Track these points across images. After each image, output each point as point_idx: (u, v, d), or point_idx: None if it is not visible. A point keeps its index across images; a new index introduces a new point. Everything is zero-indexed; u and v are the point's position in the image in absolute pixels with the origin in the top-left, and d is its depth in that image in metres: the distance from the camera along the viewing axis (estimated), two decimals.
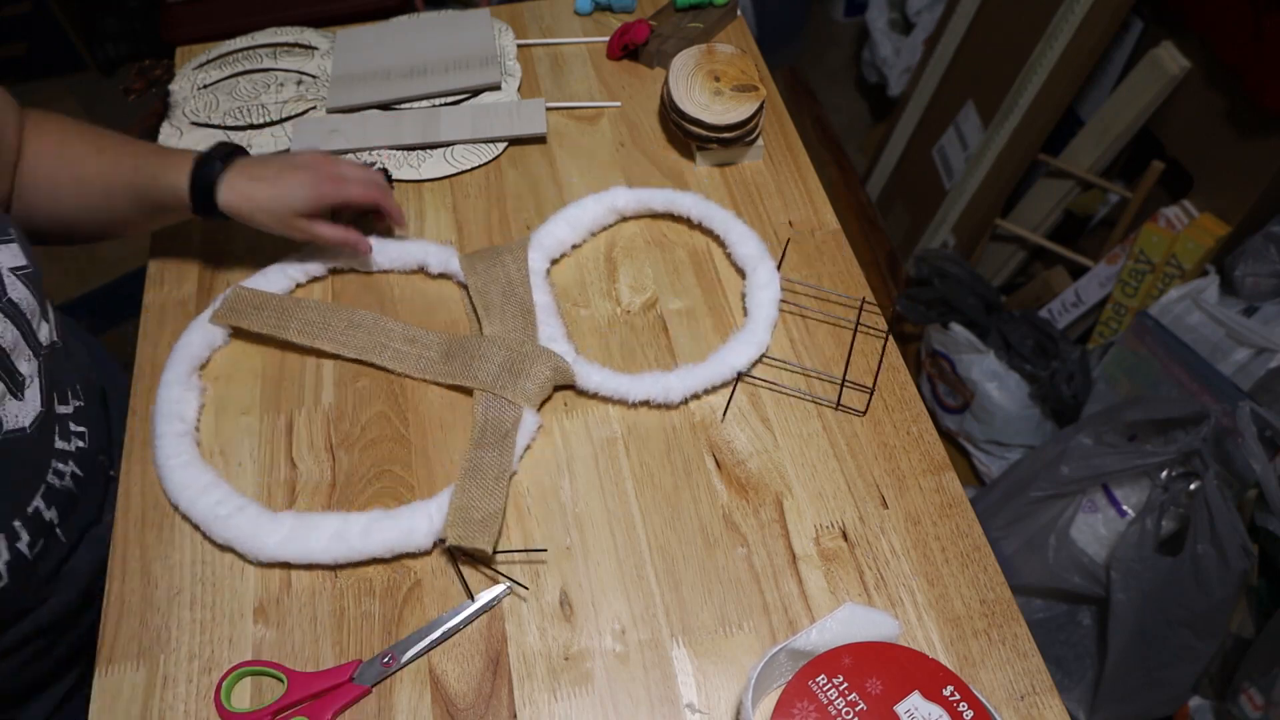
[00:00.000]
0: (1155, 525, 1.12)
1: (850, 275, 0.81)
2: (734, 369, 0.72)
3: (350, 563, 0.64)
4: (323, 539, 0.63)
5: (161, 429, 0.69)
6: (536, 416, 0.70)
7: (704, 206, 0.82)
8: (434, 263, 0.80)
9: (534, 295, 0.76)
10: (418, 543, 0.63)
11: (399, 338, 0.75)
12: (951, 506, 0.67)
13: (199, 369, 0.74)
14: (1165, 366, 1.29)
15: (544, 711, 0.58)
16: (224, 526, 0.64)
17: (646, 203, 0.83)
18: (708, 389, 0.72)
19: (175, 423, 0.69)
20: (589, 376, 0.71)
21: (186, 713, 0.58)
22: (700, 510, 0.67)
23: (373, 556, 0.63)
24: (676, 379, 0.71)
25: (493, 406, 0.69)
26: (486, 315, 0.75)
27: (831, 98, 2.28)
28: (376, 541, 0.63)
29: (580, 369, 0.71)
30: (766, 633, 0.61)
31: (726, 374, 0.72)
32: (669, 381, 0.71)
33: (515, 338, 0.73)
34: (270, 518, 0.64)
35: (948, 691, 0.53)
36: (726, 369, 0.72)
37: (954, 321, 1.52)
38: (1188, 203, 1.36)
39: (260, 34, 1.04)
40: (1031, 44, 1.47)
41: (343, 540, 0.63)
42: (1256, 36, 1.16)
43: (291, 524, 0.64)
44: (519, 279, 0.76)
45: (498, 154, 0.91)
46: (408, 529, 0.63)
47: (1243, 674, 1.11)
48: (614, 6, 1.05)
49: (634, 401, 0.71)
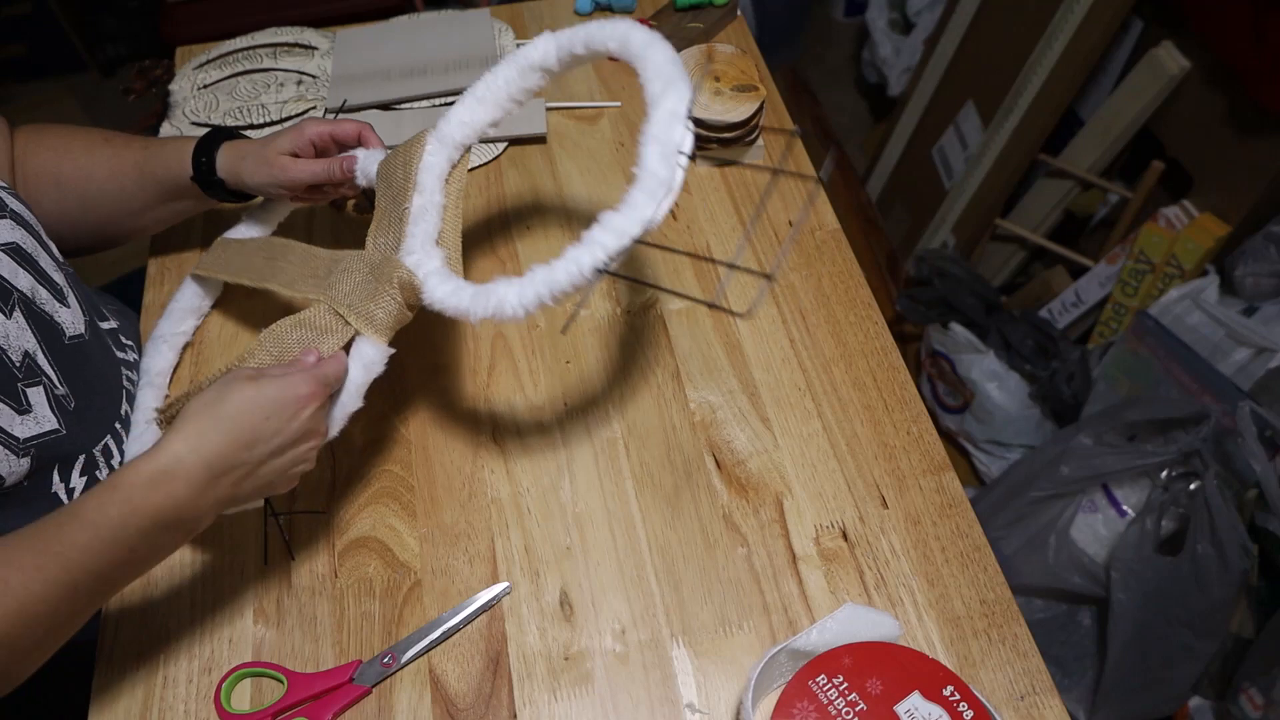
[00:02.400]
0: (1155, 525, 1.12)
1: (850, 275, 0.81)
2: (587, 268, 0.53)
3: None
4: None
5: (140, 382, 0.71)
6: (383, 348, 0.59)
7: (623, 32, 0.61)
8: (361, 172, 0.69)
9: (413, 198, 0.63)
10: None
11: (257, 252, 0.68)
12: (951, 506, 0.67)
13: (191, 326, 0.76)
14: (1165, 366, 1.29)
15: (544, 711, 0.58)
16: None
17: (568, 48, 0.63)
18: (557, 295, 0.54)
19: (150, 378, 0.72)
20: (434, 291, 0.58)
21: (186, 713, 0.58)
22: (700, 510, 0.67)
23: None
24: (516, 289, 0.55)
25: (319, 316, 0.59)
26: (375, 229, 0.64)
27: (831, 98, 2.28)
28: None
29: (431, 282, 0.59)
30: (766, 633, 0.61)
31: (576, 275, 0.54)
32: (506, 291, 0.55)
33: (384, 254, 0.61)
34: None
35: (948, 691, 0.53)
36: (577, 269, 0.53)
37: (954, 321, 1.52)
38: (1188, 203, 1.36)
39: (260, 34, 1.04)
40: (1031, 44, 1.47)
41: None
42: (1256, 36, 1.16)
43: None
44: (402, 182, 0.64)
45: (498, 154, 0.91)
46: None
47: (1243, 674, 1.11)
48: (614, 6, 1.05)
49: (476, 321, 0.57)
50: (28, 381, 0.59)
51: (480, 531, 0.66)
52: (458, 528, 0.66)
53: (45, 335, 0.62)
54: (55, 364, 0.62)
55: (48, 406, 0.60)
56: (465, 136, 0.65)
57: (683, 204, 0.86)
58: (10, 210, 0.63)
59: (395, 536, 0.66)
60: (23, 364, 0.59)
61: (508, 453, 0.70)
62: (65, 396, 0.62)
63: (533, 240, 0.84)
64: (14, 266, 0.61)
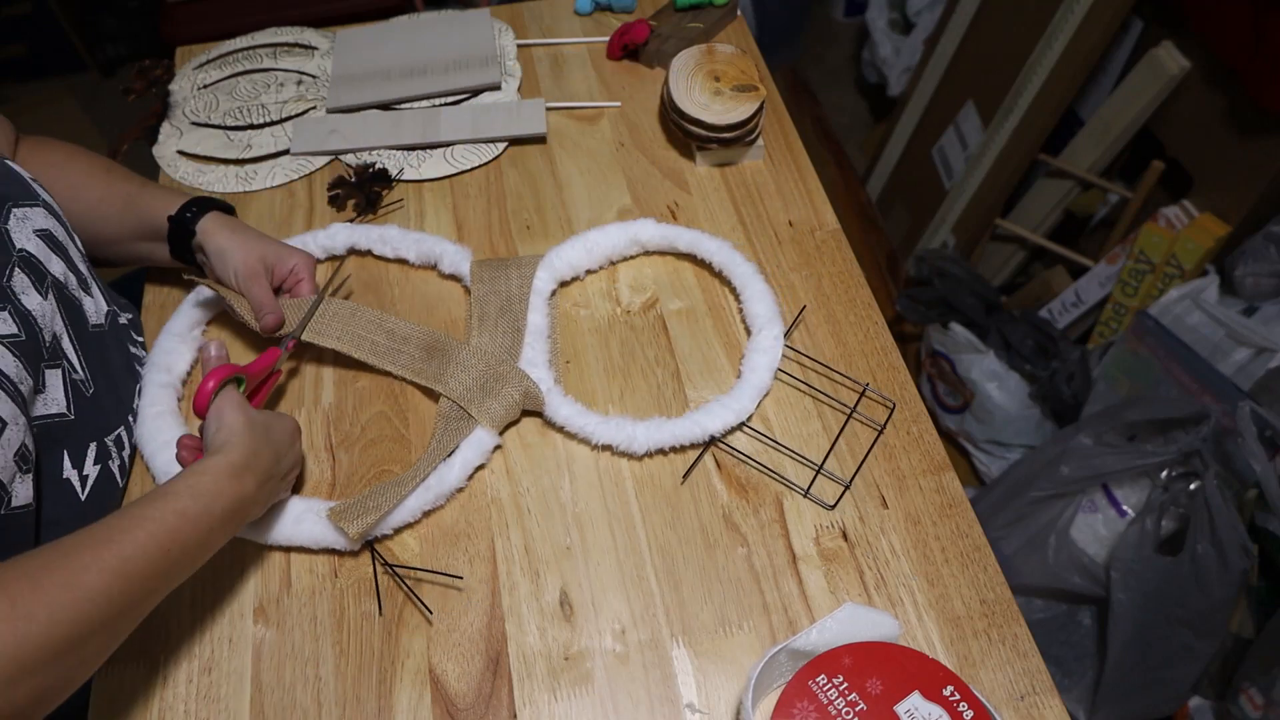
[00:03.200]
0: (1155, 525, 1.12)
1: (850, 275, 0.81)
2: (708, 432, 0.68)
3: (282, 546, 0.65)
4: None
5: (149, 377, 0.71)
6: (495, 437, 0.69)
7: (728, 255, 0.78)
8: (447, 262, 0.79)
9: (529, 315, 0.74)
10: (343, 540, 0.63)
11: (377, 329, 0.73)
12: (951, 506, 0.67)
13: (202, 326, 0.76)
14: (1165, 366, 1.29)
15: (544, 711, 0.58)
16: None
17: (672, 241, 0.80)
18: (675, 447, 0.69)
19: (161, 373, 0.71)
20: (558, 409, 0.69)
21: (186, 713, 0.58)
22: (700, 510, 0.67)
23: (301, 545, 0.64)
24: (644, 431, 0.68)
25: (451, 418, 0.69)
26: (479, 326, 0.74)
27: (831, 98, 2.28)
28: (306, 531, 0.63)
29: (553, 399, 0.70)
30: (766, 633, 0.61)
31: (698, 435, 0.68)
32: (635, 431, 0.68)
33: (498, 355, 0.71)
34: None
35: (948, 691, 0.53)
36: (699, 430, 0.68)
37: (954, 321, 1.52)
38: (1188, 203, 1.36)
39: (260, 34, 1.04)
40: (1031, 44, 1.47)
41: (273, 526, 0.64)
42: (1256, 36, 1.16)
43: None
44: (519, 296, 0.75)
45: (498, 154, 0.91)
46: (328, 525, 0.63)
47: (1243, 674, 1.11)
48: (614, 6, 1.05)
49: (596, 444, 0.69)
50: (50, 363, 0.61)
51: (480, 531, 0.66)
52: (458, 528, 0.66)
53: (73, 320, 0.64)
54: (80, 349, 0.64)
55: (61, 390, 0.61)
56: (566, 272, 0.79)
57: (683, 204, 0.86)
58: (42, 200, 0.65)
59: (395, 536, 0.66)
60: (51, 346, 0.61)
61: (508, 453, 0.70)
62: (84, 382, 0.64)
63: (533, 240, 0.84)
64: (48, 252, 0.63)
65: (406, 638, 0.61)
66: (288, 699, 0.59)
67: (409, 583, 0.63)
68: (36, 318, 0.59)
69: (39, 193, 0.66)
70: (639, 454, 0.68)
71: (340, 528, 0.61)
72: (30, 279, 0.60)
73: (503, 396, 0.69)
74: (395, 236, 0.81)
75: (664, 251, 0.82)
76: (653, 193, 0.87)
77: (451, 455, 0.67)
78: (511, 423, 0.71)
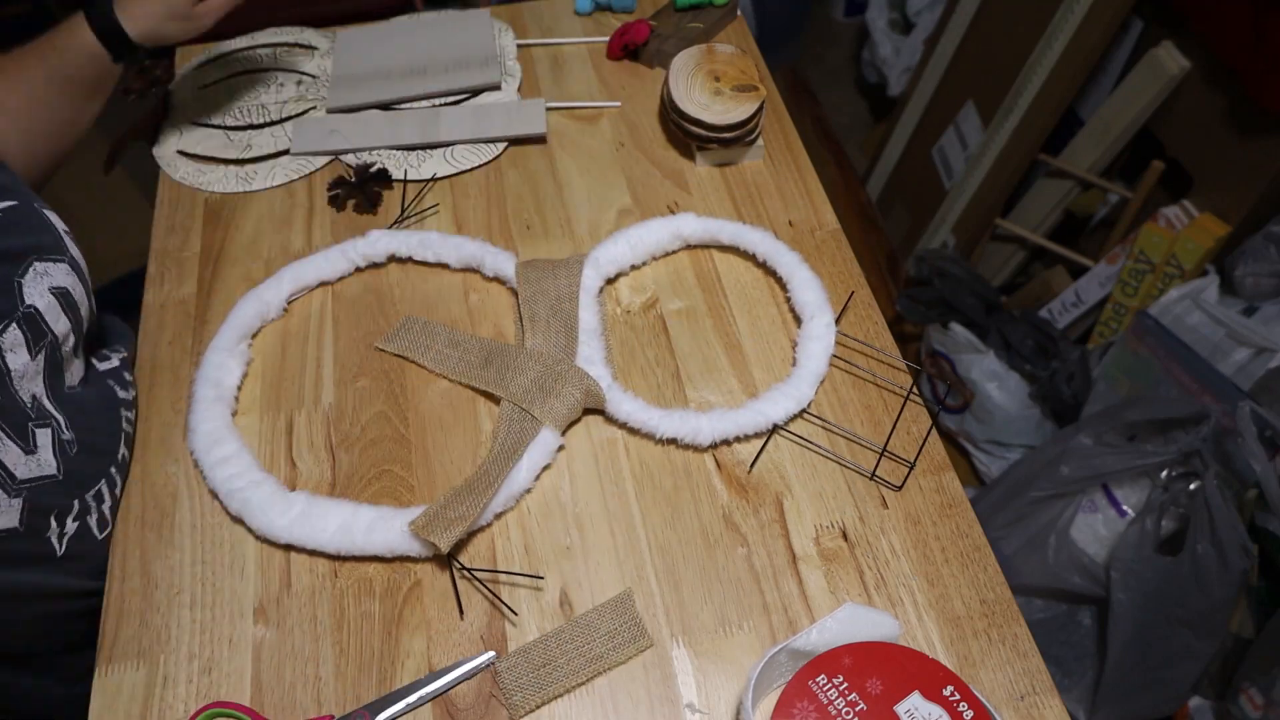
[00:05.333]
0: (1155, 525, 1.12)
1: (850, 275, 0.81)
2: (770, 420, 0.69)
3: (353, 556, 0.64)
4: (329, 528, 0.63)
5: (200, 393, 0.71)
6: (558, 437, 0.69)
7: (771, 245, 0.79)
8: (490, 265, 0.79)
9: (580, 314, 0.75)
10: (416, 546, 0.63)
11: (443, 340, 0.76)
12: (951, 506, 0.67)
13: (249, 338, 0.76)
14: (1165, 366, 1.29)
15: (544, 711, 0.58)
16: (238, 499, 0.65)
17: (714, 234, 0.80)
18: (739, 436, 0.69)
19: (211, 388, 0.71)
20: (619, 405, 0.69)
21: (186, 713, 0.58)
22: (700, 510, 0.67)
23: (374, 554, 0.64)
24: (708, 422, 0.68)
25: (514, 420, 0.69)
26: (531, 327, 0.74)
27: (831, 98, 2.28)
28: (379, 540, 0.63)
29: (613, 396, 0.70)
30: (766, 633, 0.61)
31: (762, 424, 0.69)
32: (699, 423, 0.68)
33: (554, 355, 0.72)
34: (283, 496, 0.65)
35: (948, 691, 0.53)
36: (762, 419, 0.69)
37: (954, 321, 1.52)
38: (1188, 203, 1.36)
39: (260, 34, 1.04)
40: (1031, 44, 1.47)
41: (348, 533, 0.63)
42: (1256, 36, 1.16)
43: (303, 507, 0.64)
44: (568, 294, 0.75)
45: (498, 154, 0.91)
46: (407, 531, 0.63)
47: (1243, 674, 1.11)
48: (614, 6, 1.05)
49: (661, 438, 0.69)
50: (39, 422, 0.59)
51: (480, 531, 0.66)
52: None
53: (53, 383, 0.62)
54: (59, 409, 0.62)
55: (51, 450, 0.60)
56: (611, 269, 0.79)
57: (683, 204, 0.86)
58: (70, 256, 0.64)
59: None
60: (33, 405, 0.59)
61: None
62: (70, 442, 0.62)
63: (533, 240, 0.84)
64: (58, 311, 0.62)
65: (407, 638, 0.61)
66: (288, 699, 0.59)
67: (490, 587, 0.63)
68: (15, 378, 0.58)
69: (68, 247, 0.65)
70: (704, 445, 0.69)
71: (428, 540, 0.61)
72: (26, 336, 0.59)
73: (564, 396, 0.69)
74: (436, 241, 0.81)
75: (706, 245, 0.82)
76: (653, 193, 0.87)
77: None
78: (573, 421, 0.71)
